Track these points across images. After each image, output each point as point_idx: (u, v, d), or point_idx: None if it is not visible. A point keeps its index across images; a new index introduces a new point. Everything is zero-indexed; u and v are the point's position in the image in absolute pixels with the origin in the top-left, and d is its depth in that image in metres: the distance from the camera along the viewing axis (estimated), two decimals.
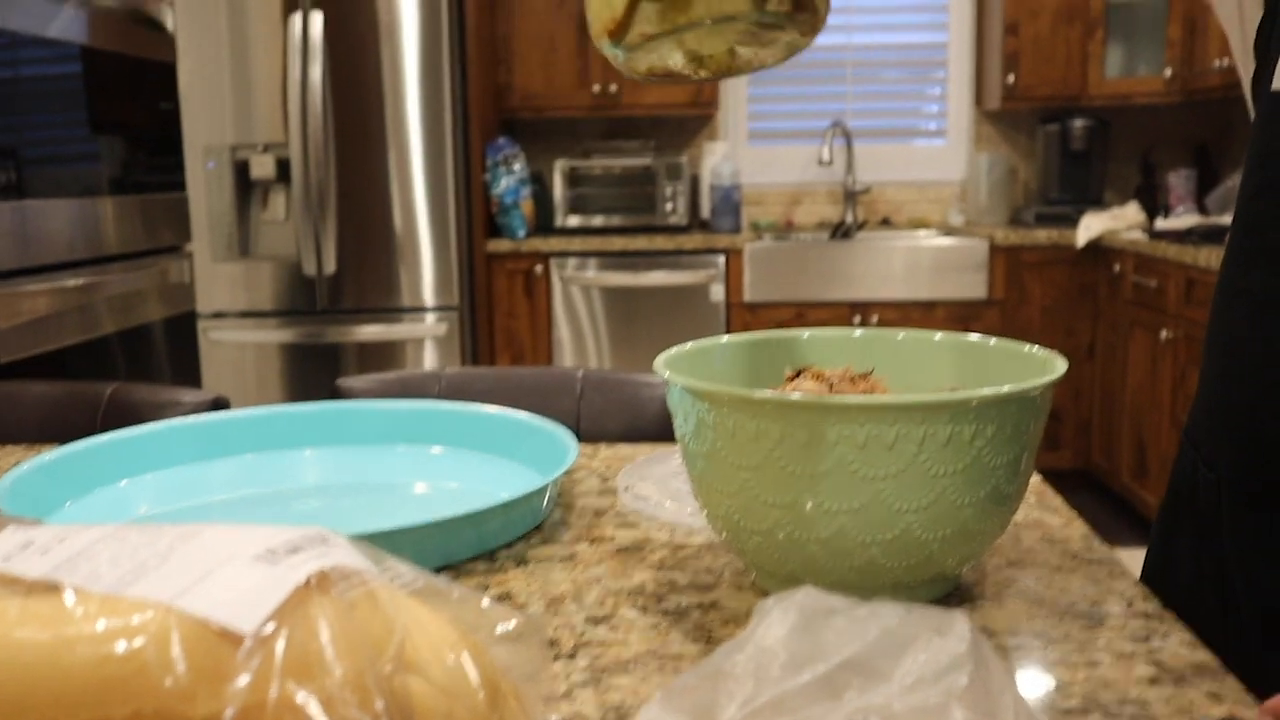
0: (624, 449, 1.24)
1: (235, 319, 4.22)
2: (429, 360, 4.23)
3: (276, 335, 4.22)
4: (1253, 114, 0.75)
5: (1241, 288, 0.79)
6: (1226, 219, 3.83)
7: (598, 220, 4.60)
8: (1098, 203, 4.61)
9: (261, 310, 4.22)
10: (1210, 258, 3.38)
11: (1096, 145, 4.61)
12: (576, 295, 4.41)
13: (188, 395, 1.48)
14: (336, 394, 1.57)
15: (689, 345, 0.88)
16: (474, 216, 4.35)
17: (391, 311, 4.21)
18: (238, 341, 4.22)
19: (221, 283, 4.22)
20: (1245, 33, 0.76)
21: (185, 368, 4.27)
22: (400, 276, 4.19)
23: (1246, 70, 0.77)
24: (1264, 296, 0.76)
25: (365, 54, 4.11)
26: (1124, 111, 4.71)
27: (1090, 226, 4.20)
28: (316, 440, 1.17)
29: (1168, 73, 4.31)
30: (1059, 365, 0.78)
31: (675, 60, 0.56)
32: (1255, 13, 0.72)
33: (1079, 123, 4.57)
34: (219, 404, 1.48)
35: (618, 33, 0.55)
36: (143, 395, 1.48)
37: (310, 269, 4.17)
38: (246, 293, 4.22)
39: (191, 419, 1.14)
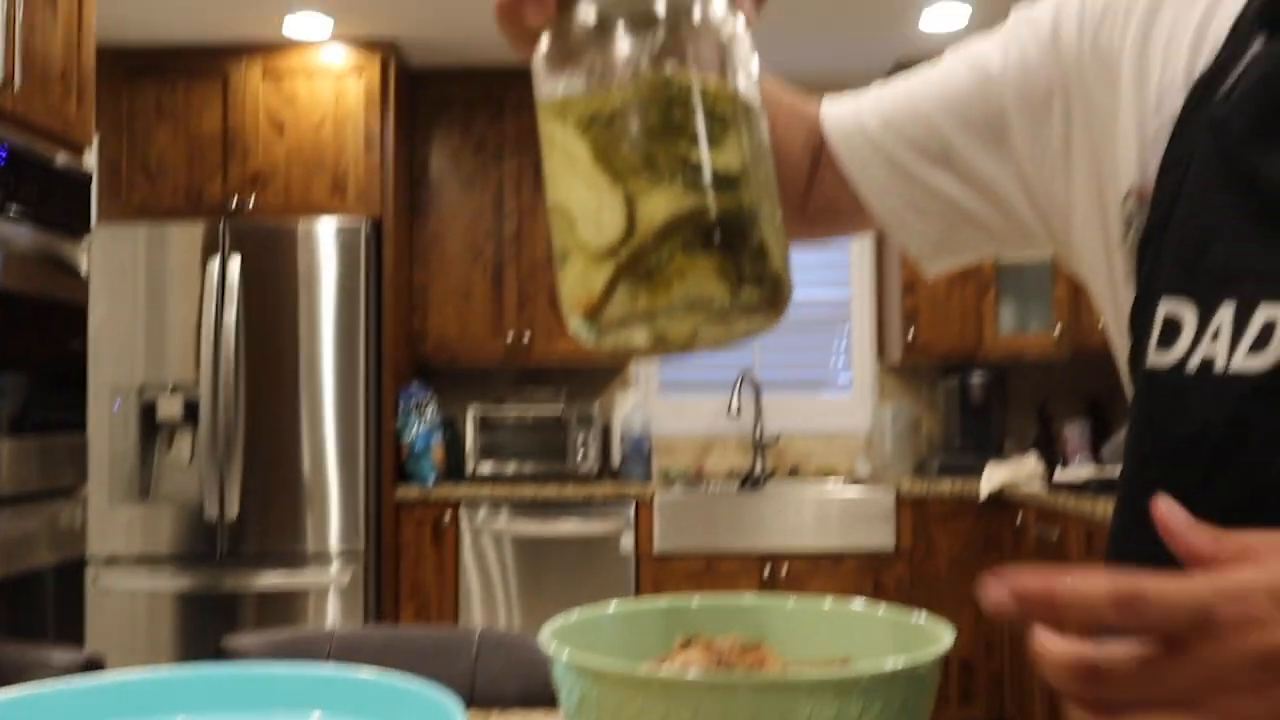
0: (519, 716, 1.19)
1: (129, 565, 4.08)
2: (331, 610, 4.10)
3: (172, 583, 4.07)
4: (1129, 391, 0.78)
5: (1127, 555, 0.80)
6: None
7: (509, 468, 4.59)
8: (999, 453, 4.72)
9: (158, 555, 4.08)
10: (1107, 509, 3.46)
11: (995, 398, 4.77)
12: (486, 544, 4.35)
13: (59, 655, 1.40)
14: (222, 654, 1.50)
15: (576, 614, 0.86)
16: (384, 462, 4.32)
17: (294, 559, 4.10)
18: (130, 590, 4.06)
19: (118, 526, 4.09)
20: (1119, 312, 0.79)
21: (73, 618, 4.07)
22: (305, 522, 4.11)
23: (1122, 347, 0.80)
24: (1143, 566, 0.77)
25: (282, 298, 4.16)
26: (1019, 366, 4.90)
27: (992, 478, 4.29)
28: (190, 707, 1.11)
29: (1057, 330, 4.52)
30: (946, 637, 0.77)
31: (640, 339, 0.56)
32: (1127, 294, 0.76)
33: (977, 377, 4.73)
34: (93, 664, 1.40)
35: (592, 312, 0.54)
36: (9, 655, 1.40)
37: (212, 513, 4.07)
38: (143, 537, 4.09)
39: (53, 686, 1.08)
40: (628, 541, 4.33)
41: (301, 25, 4.22)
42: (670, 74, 0.53)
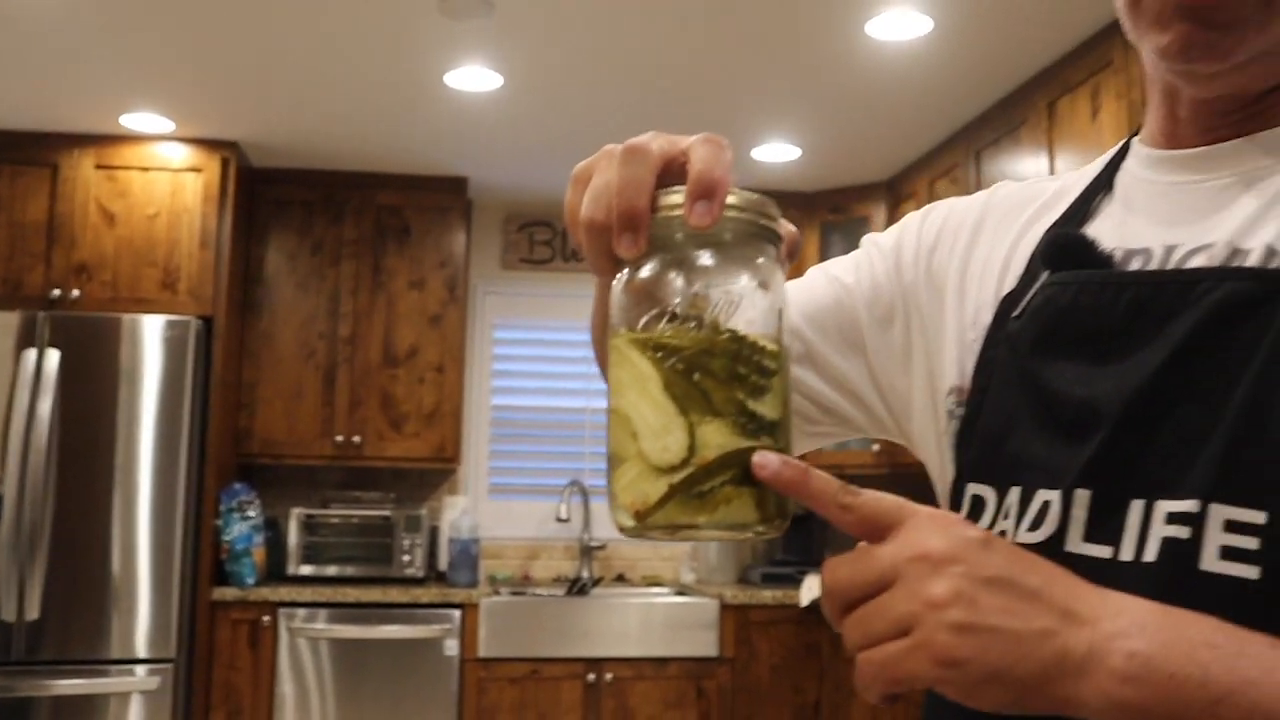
0: None
1: None
2: (135, 718, 3.92)
3: None
4: None
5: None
6: None
7: (333, 570, 4.51)
8: (819, 564, 4.87)
9: None
10: None
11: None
12: (304, 648, 4.24)
13: None
14: None
15: None
16: (201, 562, 4.19)
17: (98, 664, 3.92)
18: None
19: None
20: (944, 489, 0.91)
21: None
22: (112, 625, 3.94)
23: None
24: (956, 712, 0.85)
25: (101, 393, 4.04)
26: (854, 480, 5.09)
27: (812, 587, 4.42)
28: None
29: (875, 447, 4.73)
30: None
31: (662, 534, 0.65)
32: (950, 475, 0.88)
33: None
34: None
35: (644, 516, 0.63)
36: None
37: (9, 614, 3.87)
38: None
39: None
40: (452, 646, 4.28)
41: (140, 121, 4.19)
42: (736, 331, 0.64)
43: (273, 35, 3.37)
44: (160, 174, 4.35)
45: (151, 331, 4.11)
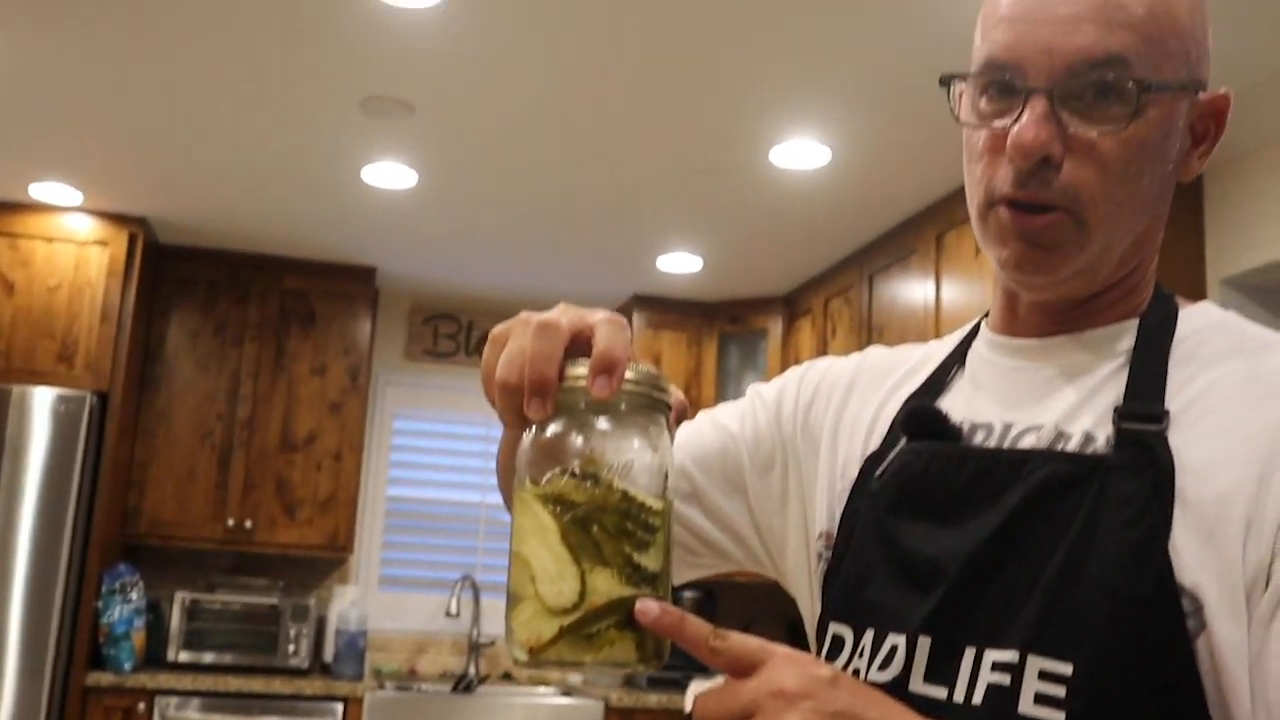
0: None
1: None
2: None
3: None
4: None
5: None
6: None
7: (214, 658, 4.43)
8: (703, 670, 4.92)
9: None
10: None
11: (704, 614, 5.00)
12: None
13: None
14: None
15: None
16: (77, 645, 4.09)
17: None
18: None
19: None
20: (811, 626, 1.02)
21: None
22: None
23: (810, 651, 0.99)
24: None
25: None
26: (728, 586, 5.18)
27: (696, 692, 4.47)
28: None
29: None
30: None
31: (553, 668, 0.74)
32: (815, 613, 0.99)
33: (688, 593, 4.97)
34: None
35: (535, 653, 0.71)
36: None
37: None
38: None
39: None
40: None
41: (49, 192, 4.18)
42: (627, 490, 0.72)
43: (193, 114, 3.42)
44: (65, 245, 4.33)
45: (42, 404, 4.05)
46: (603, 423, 0.73)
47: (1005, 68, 0.85)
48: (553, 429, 0.74)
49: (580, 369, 0.72)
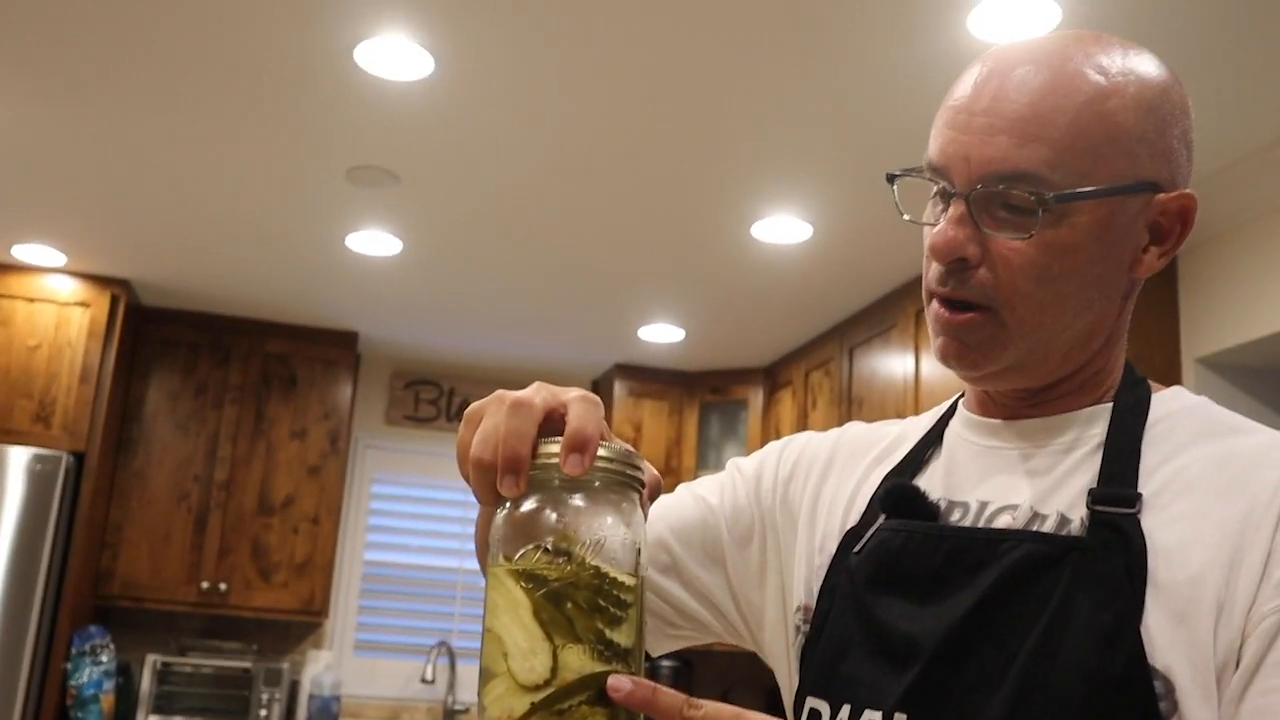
0: None
1: None
2: None
3: None
4: None
5: None
6: None
7: None
8: None
9: None
10: None
11: (681, 684, 4.96)
12: None
13: None
14: None
15: None
16: (44, 708, 4.03)
17: None
18: None
19: None
20: (789, 698, 1.03)
21: None
22: None
23: None
24: None
25: None
26: (706, 655, 5.15)
27: None
28: None
29: None
30: None
31: None
32: (793, 685, 1.00)
33: (666, 662, 4.93)
34: None
35: None
36: None
37: None
38: None
39: None
40: None
41: (32, 253, 4.19)
42: (600, 567, 0.73)
43: (178, 178, 3.44)
44: (46, 306, 4.33)
45: (17, 463, 4.03)
46: (576, 499, 0.74)
47: (937, 170, 0.90)
48: (526, 506, 0.74)
49: (554, 446, 0.73)
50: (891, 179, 0.96)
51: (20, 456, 4.05)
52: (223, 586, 4.54)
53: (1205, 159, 2.80)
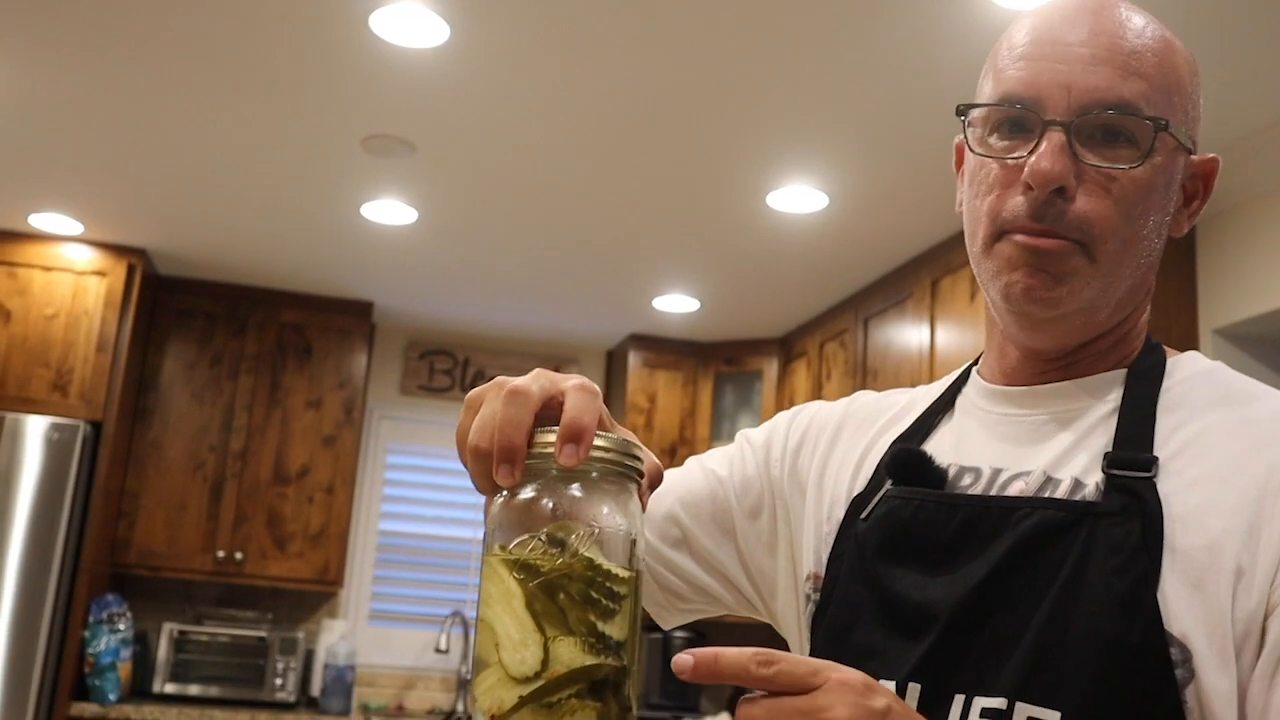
0: None
1: None
2: None
3: None
4: None
5: None
6: None
7: (198, 690, 4.40)
8: (694, 710, 4.90)
9: None
10: None
11: None
12: None
13: None
14: None
15: None
16: (62, 675, 4.07)
17: None
18: None
19: None
20: None
21: None
22: None
23: None
24: None
25: None
26: (719, 626, 5.16)
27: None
28: None
29: None
30: None
31: None
32: (805, 650, 0.99)
33: (679, 634, 4.95)
34: None
35: (497, 719, 0.70)
36: None
37: None
38: None
39: None
40: None
41: (49, 222, 4.20)
42: (594, 558, 0.72)
43: (196, 147, 3.44)
44: (63, 275, 4.34)
45: (34, 432, 4.05)
46: (572, 490, 0.73)
47: (1022, 102, 0.87)
48: (523, 495, 0.73)
49: (551, 436, 0.72)
50: (963, 111, 0.92)
51: (38, 425, 4.08)
52: (238, 555, 4.56)
53: (1225, 129, 2.77)
